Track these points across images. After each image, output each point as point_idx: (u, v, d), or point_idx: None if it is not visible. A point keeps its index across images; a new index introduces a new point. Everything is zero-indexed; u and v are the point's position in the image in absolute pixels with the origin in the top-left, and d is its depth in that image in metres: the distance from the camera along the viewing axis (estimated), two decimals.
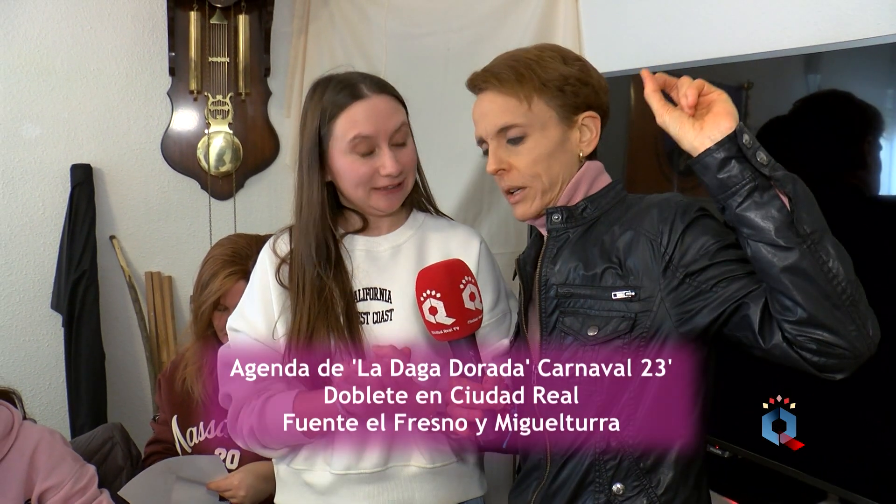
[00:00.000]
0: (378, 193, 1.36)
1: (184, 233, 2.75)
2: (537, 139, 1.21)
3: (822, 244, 0.99)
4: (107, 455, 1.94)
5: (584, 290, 1.18)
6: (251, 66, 2.70)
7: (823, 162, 1.58)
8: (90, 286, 2.54)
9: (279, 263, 1.41)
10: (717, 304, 1.09)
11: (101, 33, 2.61)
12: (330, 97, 1.35)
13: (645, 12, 2.24)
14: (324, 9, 2.72)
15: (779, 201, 0.99)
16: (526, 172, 1.22)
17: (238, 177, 2.75)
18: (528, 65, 1.22)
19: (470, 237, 1.46)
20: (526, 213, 1.25)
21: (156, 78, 2.66)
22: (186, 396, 1.95)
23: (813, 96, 1.64)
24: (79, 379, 2.54)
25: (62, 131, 2.60)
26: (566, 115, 1.22)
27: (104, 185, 2.65)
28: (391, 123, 1.35)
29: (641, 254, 1.15)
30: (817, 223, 1.00)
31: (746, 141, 1.00)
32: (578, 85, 1.22)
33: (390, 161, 1.34)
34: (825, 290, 0.98)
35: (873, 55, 1.52)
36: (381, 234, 1.43)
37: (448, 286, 1.18)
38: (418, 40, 2.68)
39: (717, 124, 1.02)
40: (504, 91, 1.21)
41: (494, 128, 1.22)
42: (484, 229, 2.64)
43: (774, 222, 0.99)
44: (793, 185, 1.00)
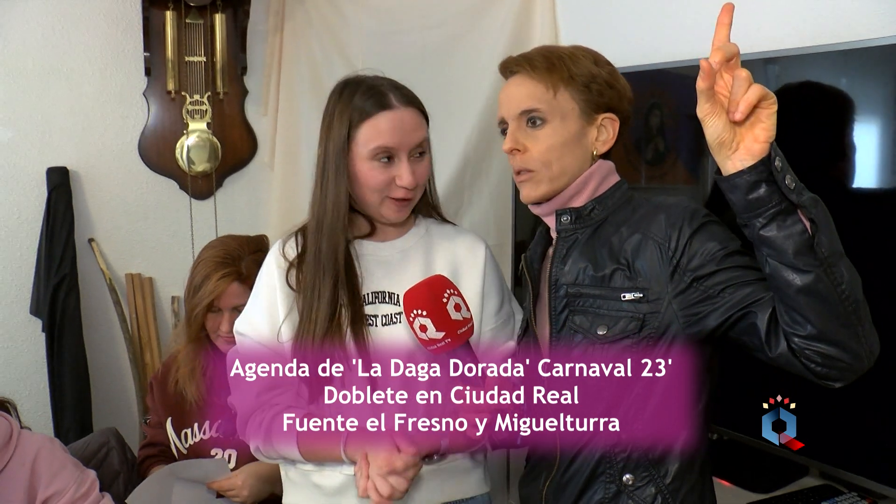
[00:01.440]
0: (389, 203, 1.40)
1: (164, 234, 2.73)
2: (556, 127, 1.26)
3: (838, 267, 1.02)
4: (103, 460, 1.95)
5: (594, 290, 1.23)
6: (228, 65, 2.69)
7: (798, 151, 1.67)
8: (71, 290, 2.52)
9: (288, 267, 1.43)
10: (724, 309, 1.14)
11: (73, 33, 2.56)
12: (359, 102, 1.37)
13: (623, 10, 2.30)
14: (299, 6, 2.72)
15: (801, 225, 1.01)
16: (539, 157, 1.26)
17: (217, 176, 2.74)
18: (560, 57, 1.28)
19: (475, 243, 1.49)
20: (530, 196, 1.29)
21: (131, 78, 2.63)
22: (180, 398, 1.96)
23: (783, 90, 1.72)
24: (63, 384, 2.51)
25: (36, 134, 2.55)
26: (587, 112, 1.27)
27: (81, 188, 2.61)
28: (414, 137, 1.38)
29: (650, 257, 1.19)
30: (835, 246, 1.02)
31: (778, 165, 1.00)
32: (605, 86, 1.27)
33: (408, 173, 1.37)
34: (837, 310, 1.02)
35: (835, 59, 1.60)
36: (388, 239, 1.46)
37: (432, 303, 1.23)
38: (395, 38, 2.70)
39: (754, 149, 1.01)
40: (534, 77, 1.27)
41: (518, 109, 1.27)
42: (465, 223, 2.68)
43: (795, 245, 1.01)
44: (816, 209, 1.01)
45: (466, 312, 1.26)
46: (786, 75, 1.74)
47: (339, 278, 1.38)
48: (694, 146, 2.00)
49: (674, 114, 2.05)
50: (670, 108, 2.06)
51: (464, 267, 1.46)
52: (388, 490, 1.23)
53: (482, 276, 1.46)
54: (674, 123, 2.06)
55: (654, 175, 2.15)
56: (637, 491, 1.21)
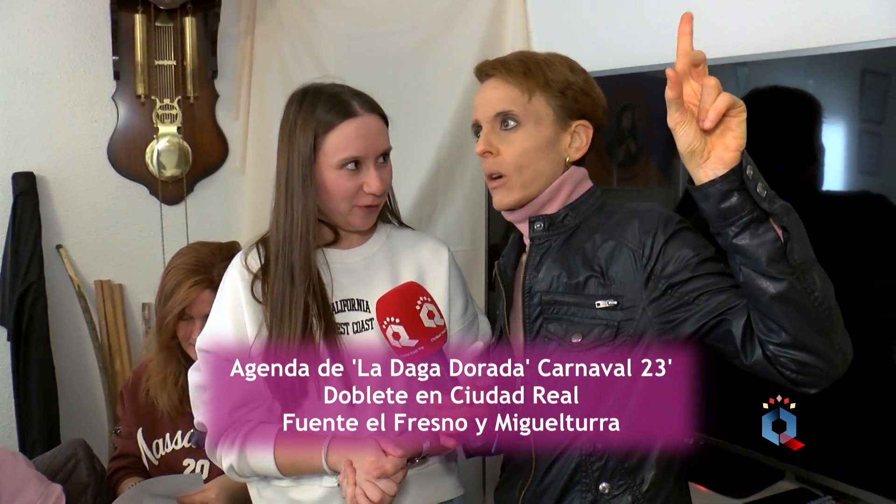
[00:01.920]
0: (357, 211, 1.39)
1: (134, 239, 2.69)
2: (529, 131, 1.26)
3: (811, 274, 1.02)
4: (71, 472, 1.90)
5: (568, 297, 1.23)
6: (198, 69, 2.66)
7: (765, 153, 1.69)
8: (38, 298, 2.46)
9: (252, 279, 1.41)
10: (699, 316, 1.14)
11: (39, 35, 2.51)
12: (322, 112, 1.36)
13: (595, 14, 2.31)
14: (271, 10, 2.70)
15: (773, 233, 1.02)
16: (511, 161, 1.26)
17: (188, 181, 2.70)
18: (537, 63, 1.28)
19: (438, 247, 1.50)
20: (502, 202, 1.29)
21: (100, 82, 2.58)
22: (151, 408, 1.92)
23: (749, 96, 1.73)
24: (29, 394, 2.46)
25: (2, 138, 2.50)
26: (562, 118, 1.27)
27: (49, 193, 2.56)
28: (379, 144, 1.39)
29: (623, 264, 1.19)
30: (807, 253, 1.03)
31: (750, 173, 1.00)
32: (580, 93, 1.28)
33: (375, 180, 1.37)
34: (810, 317, 1.03)
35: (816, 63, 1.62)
36: (353, 246, 1.46)
37: (405, 310, 1.22)
38: (367, 41, 2.69)
39: (725, 158, 1.01)
40: (510, 80, 1.26)
41: (492, 112, 1.27)
42: (439, 227, 2.68)
43: (767, 253, 1.01)
44: (788, 217, 1.02)
45: (440, 320, 1.25)
46: (756, 79, 1.76)
47: (310, 287, 1.36)
48: (666, 148, 2.01)
49: (646, 116, 2.07)
50: (642, 111, 2.08)
51: (429, 272, 1.46)
52: (378, 495, 1.22)
53: (447, 279, 1.47)
54: (645, 125, 2.07)
55: (625, 177, 2.17)
56: (613, 499, 1.21)
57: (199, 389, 1.43)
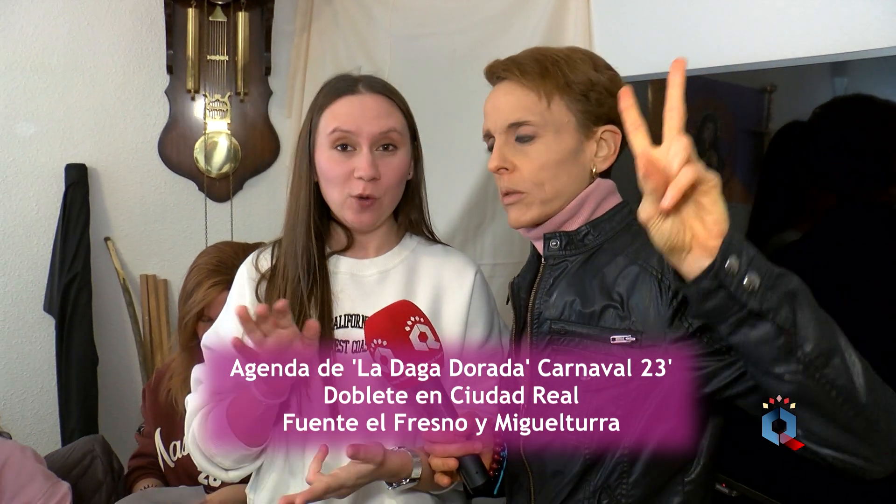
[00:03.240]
0: (350, 202, 1.25)
1: (180, 235, 2.68)
2: (549, 143, 1.10)
3: (830, 365, 0.83)
4: (86, 469, 1.88)
5: (580, 328, 1.07)
6: (251, 65, 2.62)
7: (847, 169, 1.49)
8: (83, 288, 2.48)
9: (259, 279, 1.32)
10: (731, 374, 0.96)
11: (98, 30, 2.54)
12: (324, 91, 1.28)
13: (660, 15, 2.13)
14: (327, 7, 2.64)
15: (774, 325, 0.83)
16: (529, 177, 1.10)
17: (236, 179, 2.67)
18: (555, 61, 1.11)
19: (465, 266, 1.35)
20: (519, 220, 1.13)
21: (153, 76, 2.59)
22: (170, 409, 1.88)
23: (837, 101, 1.53)
24: (69, 384, 2.48)
25: (57, 130, 2.53)
26: (585, 124, 1.11)
27: (99, 186, 2.58)
28: (377, 124, 1.24)
29: (647, 294, 1.02)
30: (822, 341, 0.83)
31: (732, 265, 0.81)
32: (605, 94, 1.11)
33: (366, 162, 1.22)
34: (832, 415, 0.84)
35: None
36: (369, 256, 1.33)
37: (392, 332, 1.10)
38: (423, 41, 2.59)
39: (709, 246, 0.82)
40: (524, 84, 1.10)
41: (505, 122, 1.11)
42: (487, 239, 2.55)
43: (770, 352, 0.84)
44: (789, 307, 0.82)
45: (434, 342, 1.12)
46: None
47: (305, 287, 1.26)
48: (752, 161, 1.80)
49: (729, 126, 1.87)
50: (725, 120, 1.88)
51: (448, 291, 1.32)
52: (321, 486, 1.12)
53: (468, 301, 1.32)
54: (728, 136, 1.87)
55: None
56: None
57: (196, 382, 1.37)
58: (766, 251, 1.07)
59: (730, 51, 1.86)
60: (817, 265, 1.53)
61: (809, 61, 1.58)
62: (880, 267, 1.43)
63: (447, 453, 1.08)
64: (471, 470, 1.08)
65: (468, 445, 1.08)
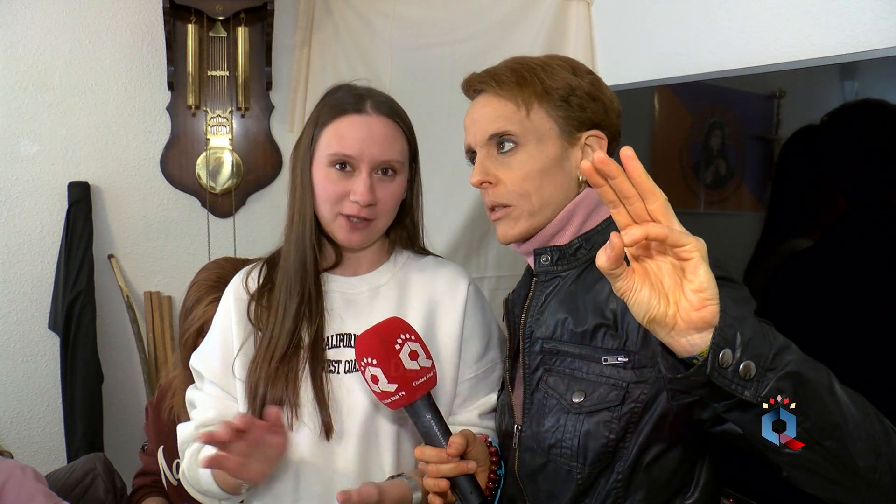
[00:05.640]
0: (342, 221, 1.23)
1: (183, 252, 2.67)
2: (531, 152, 1.07)
3: (830, 436, 0.79)
4: (87, 488, 1.86)
5: (572, 347, 1.04)
6: (252, 80, 2.61)
7: (858, 174, 1.45)
8: (86, 306, 2.47)
9: (249, 300, 1.30)
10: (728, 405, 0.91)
11: (99, 47, 2.54)
12: (330, 101, 1.25)
13: (663, 21, 2.11)
14: (328, 20, 2.63)
15: (770, 407, 0.78)
16: (514, 189, 1.07)
17: (238, 194, 2.66)
18: (532, 69, 1.09)
19: (457, 277, 1.31)
20: (507, 235, 1.10)
21: (155, 93, 2.59)
22: (173, 426, 1.84)
23: (848, 106, 1.50)
24: (74, 402, 2.47)
25: (59, 148, 2.53)
26: (568, 130, 1.08)
27: (102, 203, 2.58)
28: (380, 151, 1.21)
29: None
30: (824, 419, 0.79)
31: (726, 359, 0.75)
32: (587, 99, 1.08)
33: (363, 188, 1.20)
34: (836, 480, 0.81)
35: None
36: (359, 273, 1.31)
37: (382, 350, 1.07)
38: (424, 52, 2.58)
39: (693, 320, 0.75)
40: (501, 94, 1.08)
41: (485, 134, 1.09)
42: (491, 251, 2.52)
43: (767, 427, 0.79)
44: (788, 389, 0.77)
45: (426, 360, 1.09)
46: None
47: (304, 299, 1.24)
48: (761, 169, 1.77)
49: (736, 133, 1.83)
50: (732, 128, 1.85)
51: (441, 305, 1.29)
52: None
53: (461, 316, 1.28)
54: (736, 143, 1.84)
55: (714, 200, 1.94)
56: None
57: (190, 405, 1.36)
58: (779, 259, 1.03)
59: (734, 54, 1.84)
60: (832, 272, 1.50)
61: (816, 63, 1.55)
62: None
63: (439, 474, 1.06)
64: (465, 490, 1.06)
65: (461, 466, 1.06)
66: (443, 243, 2.46)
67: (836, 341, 1.43)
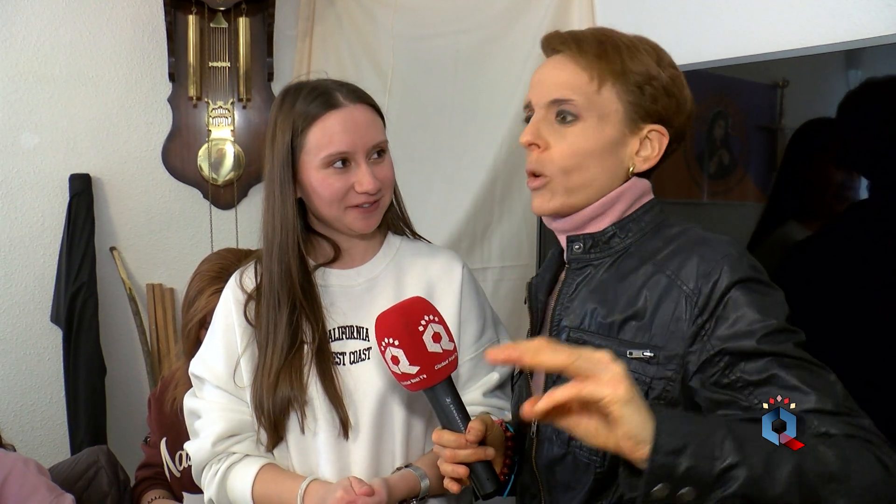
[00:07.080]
0: (354, 212, 1.23)
1: (186, 243, 2.66)
2: (589, 129, 1.02)
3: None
4: (91, 480, 1.86)
5: (598, 339, 1.02)
6: (253, 71, 2.60)
7: (864, 164, 1.44)
8: (89, 298, 2.47)
9: (246, 300, 1.29)
10: (740, 412, 0.90)
11: (99, 39, 2.53)
12: (302, 106, 1.22)
13: (665, 10, 2.09)
14: (330, 10, 2.61)
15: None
16: (558, 160, 1.03)
17: (241, 185, 2.65)
18: (617, 46, 1.04)
19: (451, 262, 1.33)
20: (541, 208, 1.06)
21: (156, 84, 2.58)
22: (176, 418, 1.85)
23: (852, 93, 1.49)
24: (77, 395, 2.47)
25: (60, 140, 2.53)
26: (633, 118, 1.03)
27: (104, 195, 2.57)
28: (369, 137, 1.22)
29: (672, 307, 0.96)
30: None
31: (661, 493, 0.75)
32: (661, 92, 1.03)
33: (368, 178, 1.20)
34: None
35: None
36: (355, 265, 1.31)
37: (405, 331, 1.04)
38: (426, 42, 2.56)
39: (630, 449, 0.75)
40: (579, 61, 1.03)
41: (549, 97, 1.04)
42: (495, 241, 2.51)
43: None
44: (740, 501, 0.75)
45: (448, 343, 1.07)
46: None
47: (296, 307, 1.23)
48: (765, 159, 1.76)
49: (740, 123, 1.82)
50: (737, 118, 1.83)
51: (438, 290, 1.30)
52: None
53: (458, 298, 1.30)
54: (741, 133, 1.83)
55: (717, 191, 1.93)
56: None
57: (193, 416, 1.34)
58: (783, 250, 1.01)
59: (738, 43, 1.82)
60: (836, 262, 1.49)
61: (821, 50, 1.54)
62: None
63: (457, 459, 1.04)
64: (482, 476, 1.05)
65: (479, 452, 1.04)
66: (446, 234, 2.45)
67: (839, 332, 1.42)
